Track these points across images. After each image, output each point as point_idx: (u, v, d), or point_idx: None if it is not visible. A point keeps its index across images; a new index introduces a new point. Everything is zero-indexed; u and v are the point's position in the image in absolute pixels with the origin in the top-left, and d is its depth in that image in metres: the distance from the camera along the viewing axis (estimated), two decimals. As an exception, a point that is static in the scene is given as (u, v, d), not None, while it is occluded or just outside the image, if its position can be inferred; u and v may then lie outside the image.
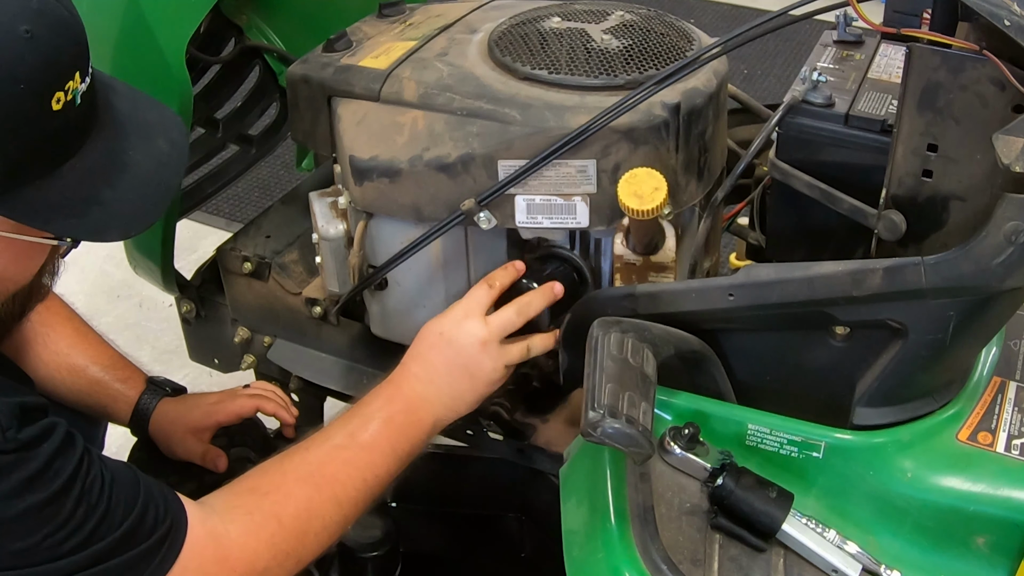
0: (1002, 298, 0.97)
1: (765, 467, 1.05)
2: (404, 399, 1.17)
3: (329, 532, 1.10)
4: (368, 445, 1.13)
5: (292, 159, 2.37)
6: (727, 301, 1.05)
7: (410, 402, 1.17)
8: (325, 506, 1.09)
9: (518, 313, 1.18)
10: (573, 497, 1.08)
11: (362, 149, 1.23)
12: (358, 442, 1.13)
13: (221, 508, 1.05)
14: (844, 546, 1.00)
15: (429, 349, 1.18)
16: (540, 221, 1.20)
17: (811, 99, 1.16)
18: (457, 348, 1.17)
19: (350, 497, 1.11)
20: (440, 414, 1.18)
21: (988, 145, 0.90)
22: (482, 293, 1.19)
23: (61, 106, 0.89)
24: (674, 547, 0.98)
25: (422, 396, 1.17)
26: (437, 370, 1.17)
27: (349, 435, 1.14)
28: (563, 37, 1.26)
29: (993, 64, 0.93)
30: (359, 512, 1.13)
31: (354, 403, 1.18)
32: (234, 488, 1.09)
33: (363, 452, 1.13)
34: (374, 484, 1.13)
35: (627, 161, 1.16)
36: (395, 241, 1.28)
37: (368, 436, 1.13)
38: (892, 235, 1.06)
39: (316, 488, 1.09)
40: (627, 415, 0.93)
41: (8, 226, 0.92)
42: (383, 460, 1.13)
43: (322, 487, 1.09)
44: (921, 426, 1.07)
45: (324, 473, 1.10)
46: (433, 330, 1.19)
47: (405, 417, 1.16)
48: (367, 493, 1.12)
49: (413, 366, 1.18)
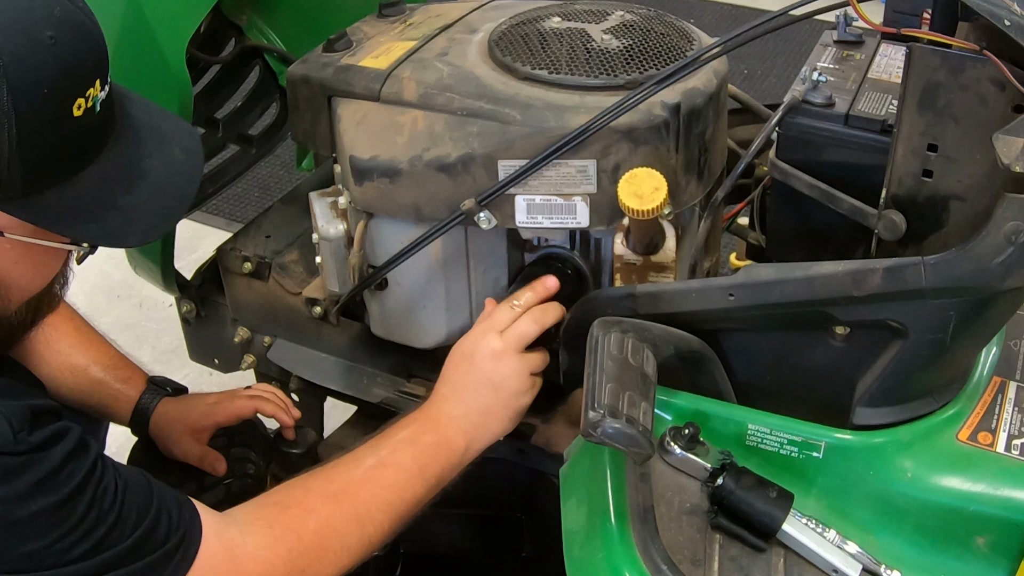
0: (1002, 298, 0.97)
1: (765, 467, 1.05)
2: (432, 420, 1.17)
3: (350, 552, 1.08)
4: (395, 465, 1.12)
5: (292, 159, 2.37)
6: (727, 301, 1.05)
7: (438, 423, 1.16)
8: (347, 525, 1.08)
9: (534, 322, 1.19)
10: (573, 497, 1.08)
11: (362, 149, 1.23)
12: (384, 463, 1.12)
13: (242, 520, 1.04)
14: (844, 546, 1.00)
15: (454, 370, 1.19)
16: (540, 221, 1.20)
17: (811, 99, 1.16)
18: (478, 363, 1.17)
19: (373, 518, 1.10)
20: (472, 432, 1.17)
21: (988, 145, 0.90)
22: (504, 313, 1.19)
23: (82, 112, 0.89)
24: (674, 547, 0.98)
25: (449, 416, 1.17)
26: (463, 388, 1.18)
27: (376, 456, 1.13)
28: (563, 37, 1.26)
29: (993, 64, 0.93)
30: (384, 535, 1.11)
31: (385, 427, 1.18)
32: (259, 501, 1.09)
33: (389, 472, 1.12)
34: (400, 506, 1.11)
35: (627, 161, 1.16)
36: (395, 241, 1.28)
37: (395, 457, 1.13)
38: (892, 235, 1.06)
39: (338, 505, 1.08)
40: (627, 415, 0.93)
41: (27, 231, 0.92)
42: (410, 482, 1.12)
43: (344, 505, 1.09)
44: (921, 426, 1.07)
45: (348, 492, 1.10)
46: (456, 352, 1.20)
47: (433, 438, 1.15)
48: (392, 515, 1.11)
49: (442, 389, 1.19)
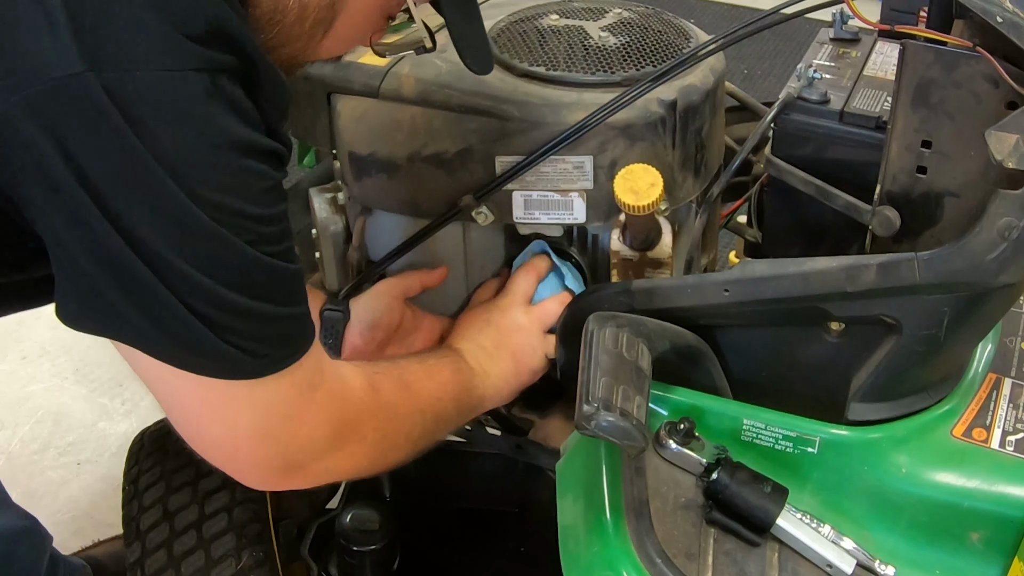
0: (996, 294, 0.97)
1: (760, 462, 1.05)
2: (467, 366, 1.17)
3: (411, 443, 1.07)
4: (441, 382, 1.12)
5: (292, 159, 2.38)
6: (723, 297, 1.05)
7: (471, 370, 1.17)
8: (413, 416, 1.07)
9: (560, 304, 1.20)
10: (569, 492, 1.08)
11: (361, 145, 1.24)
12: (434, 378, 1.12)
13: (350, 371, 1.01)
14: (839, 541, 1.00)
15: (478, 333, 1.19)
16: (537, 217, 1.21)
17: (806, 96, 1.17)
18: (504, 332, 1.18)
19: (432, 416, 1.09)
20: (488, 393, 1.18)
21: (982, 141, 0.90)
22: (527, 282, 1.20)
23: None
24: (669, 541, 0.98)
25: (473, 370, 1.17)
26: (487, 352, 1.18)
27: (426, 371, 1.12)
28: (561, 34, 1.26)
29: (986, 61, 0.93)
30: (425, 443, 1.09)
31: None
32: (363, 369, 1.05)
33: (434, 385, 1.11)
34: (437, 422, 1.10)
35: (624, 157, 1.16)
36: (393, 236, 1.28)
37: (439, 378, 1.13)
38: (886, 231, 1.07)
39: (410, 396, 1.07)
40: (621, 408, 0.94)
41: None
42: (450, 402, 1.12)
43: (412, 398, 1.07)
44: (916, 422, 1.07)
45: (415, 389, 1.09)
46: (480, 316, 1.20)
47: (467, 379, 1.16)
48: (438, 425, 1.10)
49: (462, 344, 1.19)
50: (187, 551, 1.24)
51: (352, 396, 0.97)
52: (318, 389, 0.92)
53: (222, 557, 1.23)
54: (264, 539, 1.26)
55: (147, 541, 1.26)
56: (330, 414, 0.93)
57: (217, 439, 0.89)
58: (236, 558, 1.23)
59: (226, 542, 1.24)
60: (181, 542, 1.25)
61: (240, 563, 1.22)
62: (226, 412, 0.86)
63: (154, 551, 1.25)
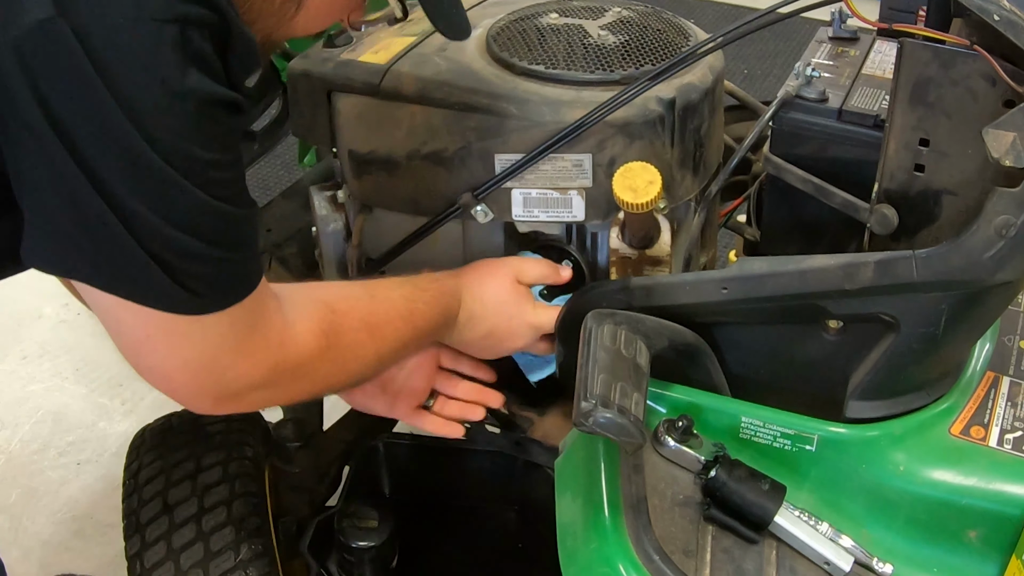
0: (993, 292, 0.97)
1: (758, 460, 1.06)
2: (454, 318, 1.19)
3: (346, 383, 1.13)
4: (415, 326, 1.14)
5: (293, 159, 2.38)
6: (721, 294, 1.05)
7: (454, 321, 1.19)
8: (367, 358, 1.09)
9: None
10: (568, 490, 1.09)
11: (361, 143, 1.24)
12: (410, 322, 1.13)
13: (291, 304, 1.03)
14: (837, 539, 1.01)
15: (489, 276, 1.21)
16: (536, 215, 1.21)
17: (805, 94, 1.17)
18: (511, 293, 1.20)
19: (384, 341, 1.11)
20: (453, 340, 1.21)
21: (979, 139, 0.90)
22: (547, 268, 1.23)
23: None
24: (667, 538, 0.98)
25: (457, 323, 1.19)
26: (485, 296, 1.20)
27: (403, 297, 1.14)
28: (560, 33, 1.27)
29: (984, 59, 0.94)
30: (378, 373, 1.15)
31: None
32: (309, 293, 1.07)
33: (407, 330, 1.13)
34: (395, 357, 1.14)
35: (622, 155, 1.16)
36: (393, 234, 1.28)
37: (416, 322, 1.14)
38: (884, 229, 1.07)
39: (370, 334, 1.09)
40: (619, 405, 0.94)
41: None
42: (413, 344, 1.15)
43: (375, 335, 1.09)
44: (914, 420, 1.08)
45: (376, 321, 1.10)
46: (502, 281, 1.21)
47: (441, 330, 1.18)
48: (395, 359, 1.15)
49: (466, 294, 1.20)
50: (186, 544, 1.24)
51: (295, 341, 1.00)
52: (256, 330, 0.95)
53: (221, 550, 1.24)
54: (263, 532, 1.27)
55: (147, 534, 1.27)
56: (267, 355, 0.97)
57: (157, 367, 0.93)
58: (235, 551, 1.24)
59: (225, 535, 1.25)
60: (180, 535, 1.25)
61: (239, 556, 1.23)
62: (167, 343, 0.90)
63: (153, 544, 1.26)
